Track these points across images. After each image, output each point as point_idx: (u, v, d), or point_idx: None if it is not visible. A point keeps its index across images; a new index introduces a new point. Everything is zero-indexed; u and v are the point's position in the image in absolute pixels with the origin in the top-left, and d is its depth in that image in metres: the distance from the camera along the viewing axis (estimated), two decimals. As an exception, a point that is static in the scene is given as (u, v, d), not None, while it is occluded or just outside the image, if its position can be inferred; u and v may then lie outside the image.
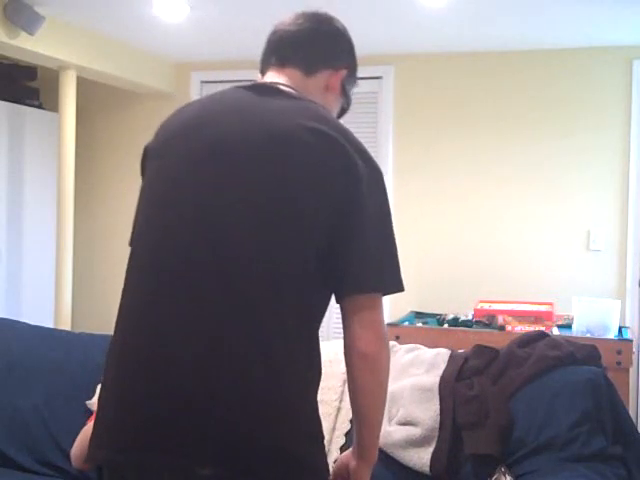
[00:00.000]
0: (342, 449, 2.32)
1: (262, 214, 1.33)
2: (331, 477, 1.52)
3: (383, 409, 1.47)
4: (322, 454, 1.39)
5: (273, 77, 1.56)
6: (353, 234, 1.37)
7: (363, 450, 1.50)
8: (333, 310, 1.46)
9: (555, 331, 3.84)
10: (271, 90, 1.50)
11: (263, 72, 1.60)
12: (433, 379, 2.32)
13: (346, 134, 1.44)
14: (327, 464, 1.41)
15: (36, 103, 5.24)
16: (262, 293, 1.31)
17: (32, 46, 4.16)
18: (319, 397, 1.42)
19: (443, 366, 2.38)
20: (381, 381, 1.42)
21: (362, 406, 1.44)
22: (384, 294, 1.42)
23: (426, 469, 2.18)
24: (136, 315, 1.37)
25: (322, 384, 1.45)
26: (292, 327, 1.33)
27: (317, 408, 1.40)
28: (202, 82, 5.29)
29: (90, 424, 2.04)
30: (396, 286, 1.44)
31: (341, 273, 1.38)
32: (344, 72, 1.61)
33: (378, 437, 1.49)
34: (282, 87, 1.51)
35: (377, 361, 1.39)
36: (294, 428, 1.32)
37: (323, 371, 1.45)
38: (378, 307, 1.40)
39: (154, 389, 1.30)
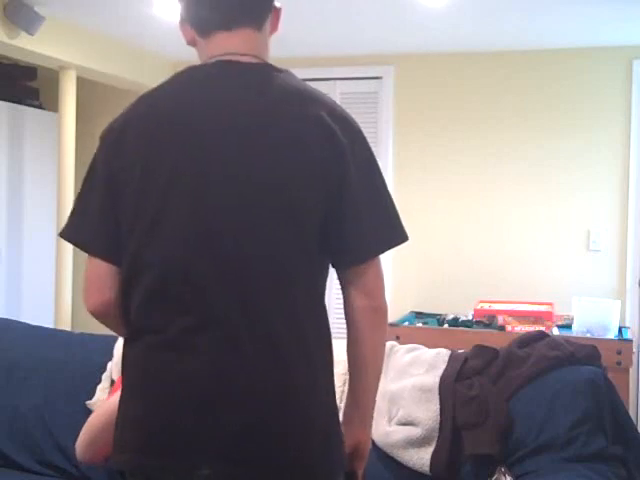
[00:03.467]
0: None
1: (272, 213, 1.34)
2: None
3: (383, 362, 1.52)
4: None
5: (227, 46, 1.44)
6: (344, 209, 1.38)
7: (365, 415, 1.53)
8: (333, 309, 1.46)
9: (555, 331, 3.84)
10: (240, 71, 1.42)
11: (203, 33, 1.46)
12: (433, 379, 2.32)
13: (321, 100, 1.42)
14: None
15: (36, 103, 5.24)
16: (281, 288, 1.34)
17: (32, 46, 4.16)
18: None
19: (443, 366, 2.38)
20: (385, 331, 1.47)
21: (370, 362, 1.47)
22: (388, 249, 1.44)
23: (426, 469, 2.18)
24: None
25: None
26: (319, 317, 1.40)
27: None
28: (202, 82, 5.27)
29: (94, 415, 2.04)
30: (398, 239, 1.46)
31: (339, 248, 1.39)
32: (278, 5, 1.51)
33: (375, 396, 1.54)
34: (245, 61, 1.43)
35: (385, 314, 1.44)
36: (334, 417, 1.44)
37: None
38: (379, 265, 1.43)
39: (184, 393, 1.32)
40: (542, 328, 3.41)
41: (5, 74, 5.09)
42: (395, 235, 1.45)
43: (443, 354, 2.44)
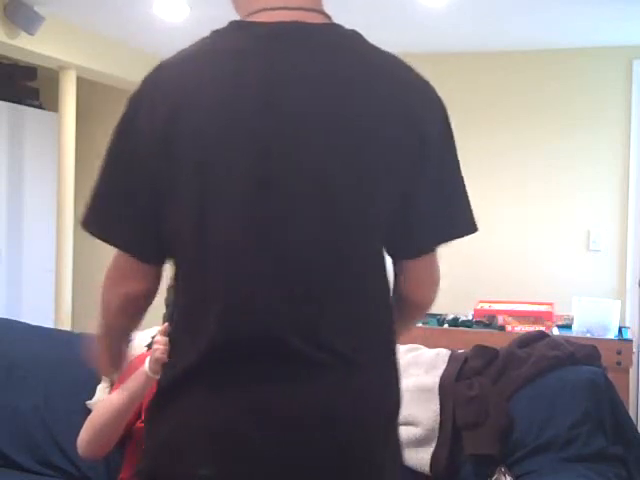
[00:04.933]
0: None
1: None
2: None
3: None
4: None
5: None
6: (415, 198, 1.24)
7: None
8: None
9: (555, 331, 3.84)
10: (312, 38, 1.21)
11: None
12: (433, 379, 2.32)
13: (402, 66, 1.25)
14: None
15: (36, 103, 5.24)
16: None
17: (32, 46, 4.16)
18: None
19: (443, 366, 2.38)
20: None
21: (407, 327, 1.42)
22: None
23: (426, 469, 2.18)
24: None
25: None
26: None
27: None
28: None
29: (95, 413, 2.04)
30: (467, 229, 1.37)
31: (401, 240, 1.27)
32: None
33: None
34: (313, 24, 1.23)
35: (430, 307, 1.42)
36: None
37: None
38: (436, 258, 1.37)
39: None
40: (542, 328, 3.41)
41: (5, 74, 5.09)
42: (464, 224, 1.36)
43: (443, 354, 2.44)
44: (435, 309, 1.60)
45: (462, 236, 1.34)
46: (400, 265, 1.31)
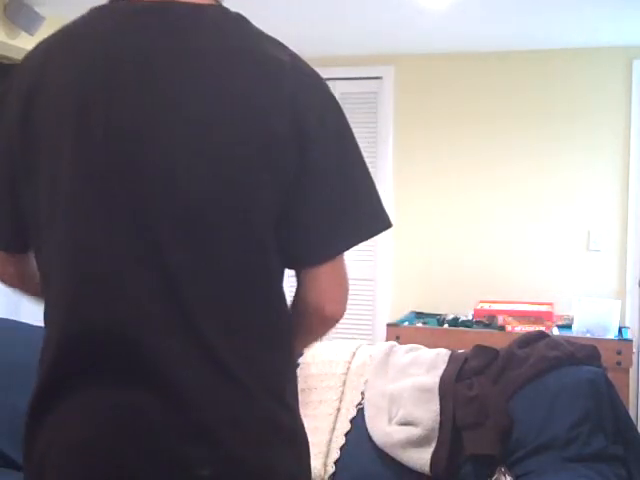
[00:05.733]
0: (342, 449, 2.32)
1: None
2: None
3: None
4: None
5: None
6: (302, 199, 1.10)
7: None
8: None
9: (555, 331, 3.84)
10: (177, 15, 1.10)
11: None
12: (433, 379, 2.32)
13: (273, 45, 1.14)
14: None
15: (36, 103, 5.24)
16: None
17: (32, 46, 4.15)
18: (318, 398, 1.41)
19: (443, 366, 2.38)
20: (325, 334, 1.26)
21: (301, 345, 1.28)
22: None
23: (426, 469, 2.18)
24: None
25: (322, 384, 1.45)
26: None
27: None
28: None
29: None
30: (377, 226, 1.16)
31: (295, 245, 1.12)
32: None
33: None
34: (183, 2, 1.11)
35: (337, 321, 1.21)
36: None
37: (323, 371, 1.44)
38: (342, 263, 1.16)
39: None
40: (542, 328, 3.41)
41: (5, 74, 5.09)
42: (373, 221, 1.16)
43: (443, 354, 2.45)
44: (435, 309, 1.59)
45: (368, 237, 1.14)
46: (302, 274, 1.15)
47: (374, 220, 1.15)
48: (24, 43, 4.10)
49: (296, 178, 1.07)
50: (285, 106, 1.07)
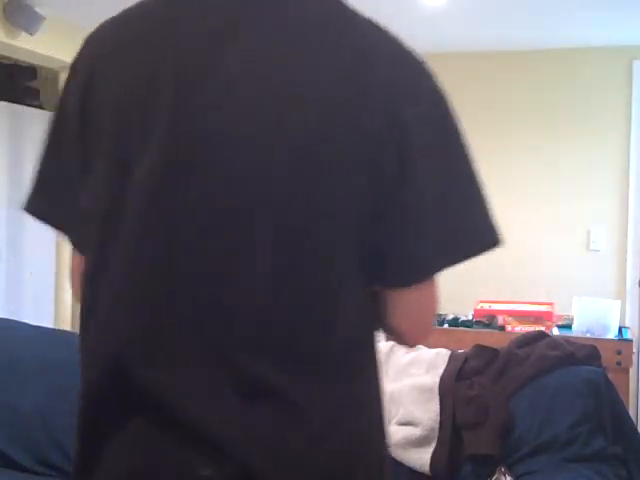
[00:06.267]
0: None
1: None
2: None
3: None
4: None
5: None
6: (396, 209, 0.93)
7: None
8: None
9: (555, 331, 3.84)
10: None
11: None
12: (433, 379, 2.32)
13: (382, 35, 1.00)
14: None
15: (36, 103, 5.24)
16: None
17: (32, 46, 4.16)
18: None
19: (443, 366, 2.38)
20: None
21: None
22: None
23: (426, 469, 2.18)
24: None
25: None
26: None
27: None
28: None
29: None
30: (485, 244, 1.00)
31: (384, 262, 0.94)
32: None
33: None
34: None
35: (417, 345, 1.09)
36: None
37: None
38: (435, 285, 1.02)
39: None
40: (542, 328, 3.41)
41: (5, 74, 5.09)
42: (481, 237, 1.00)
43: (443, 354, 2.45)
44: (435, 309, 1.58)
45: (476, 254, 1.00)
46: (383, 295, 0.98)
47: (481, 234, 1.00)
48: (24, 43, 4.10)
49: (392, 182, 0.90)
50: (378, 99, 0.91)
